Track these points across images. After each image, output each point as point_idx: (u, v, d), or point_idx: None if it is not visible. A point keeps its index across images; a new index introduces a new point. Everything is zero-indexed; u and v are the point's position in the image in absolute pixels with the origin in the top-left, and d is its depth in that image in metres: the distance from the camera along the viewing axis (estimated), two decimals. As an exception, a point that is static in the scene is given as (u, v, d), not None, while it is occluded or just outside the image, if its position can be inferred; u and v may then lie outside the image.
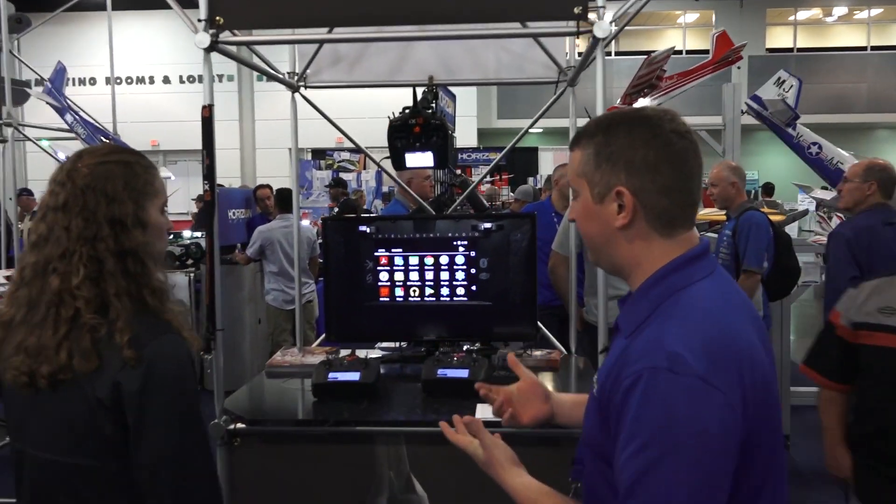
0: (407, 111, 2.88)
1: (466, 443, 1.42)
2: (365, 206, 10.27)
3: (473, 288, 2.98)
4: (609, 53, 19.69)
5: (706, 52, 10.02)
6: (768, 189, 13.48)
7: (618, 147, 1.19)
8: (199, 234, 7.31)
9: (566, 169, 4.98)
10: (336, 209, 8.79)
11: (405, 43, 3.14)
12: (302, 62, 3.26)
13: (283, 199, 6.15)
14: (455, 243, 2.97)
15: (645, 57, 7.81)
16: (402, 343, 3.22)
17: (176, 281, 6.04)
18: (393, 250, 2.98)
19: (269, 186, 7.11)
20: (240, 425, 2.35)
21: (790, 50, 19.60)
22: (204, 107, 2.33)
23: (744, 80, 14.02)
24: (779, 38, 19.92)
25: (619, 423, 1.10)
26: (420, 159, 2.89)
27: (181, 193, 13.14)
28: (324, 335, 3.26)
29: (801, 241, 6.08)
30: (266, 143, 17.44)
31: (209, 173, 2.34)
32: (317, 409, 2.48)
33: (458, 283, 2.98)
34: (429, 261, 2.99)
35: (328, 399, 2.52)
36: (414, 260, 2.99)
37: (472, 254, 2.97)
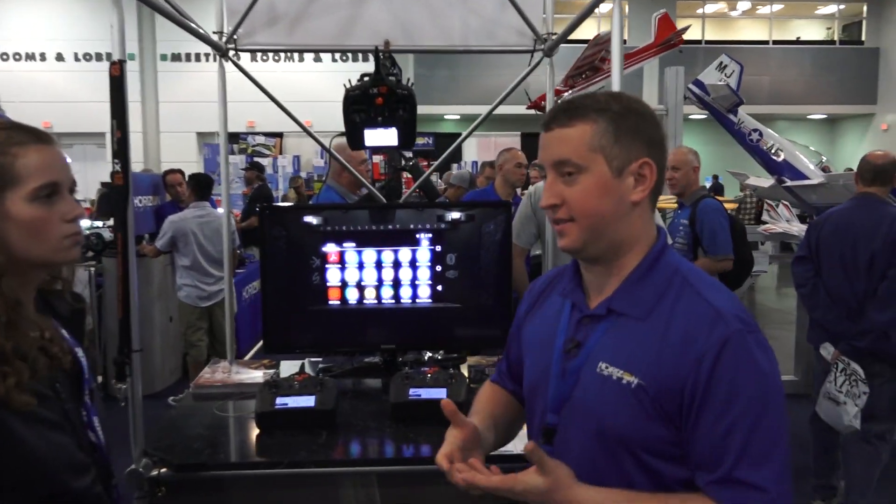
0: (366, 78, 2.39)
1: (514, 481, 1.12)
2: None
3: (439, 288, 2.58)
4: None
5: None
6: (718, 189, 13.61)
7: (636, 121, 1.20)
8: (99, 223, 6.56)
9: (512, 154, 4.65)
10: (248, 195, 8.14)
11: (356, 0, 2.65)
12: (232, 21, 2.72)
13: (200, 186, 5.55)
14: (418, 236, 2.57)
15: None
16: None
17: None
18: (344, 245, 2.55)
19: (180, 171, 6.43)
20: (165, 471, 1.85)
21: (699, 42, 19.99)
22: (113, 63, 1.80)
23: (655, 71, 14.06)
24: (689, 30, 20.29)
25: (705, 397, 1.10)
26: (382, 137, 2.41)
27: (77, 179, 12.04)
28: (260, 344, 2.75)
29: (751, 231, 5.94)
30: (171, 126, 16.38)
31: (120, 149, 1.81)
32: (263, 445, 1.99)
33: (421, 282, 2.56)
34: (387, 257, 2.56)
35: (276, 431, 2.04)
36: (369, 256, 2.55)
37: (438, 248, 2.56)
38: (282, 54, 15.69)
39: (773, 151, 6.25)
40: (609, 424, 1.18)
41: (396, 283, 2.57)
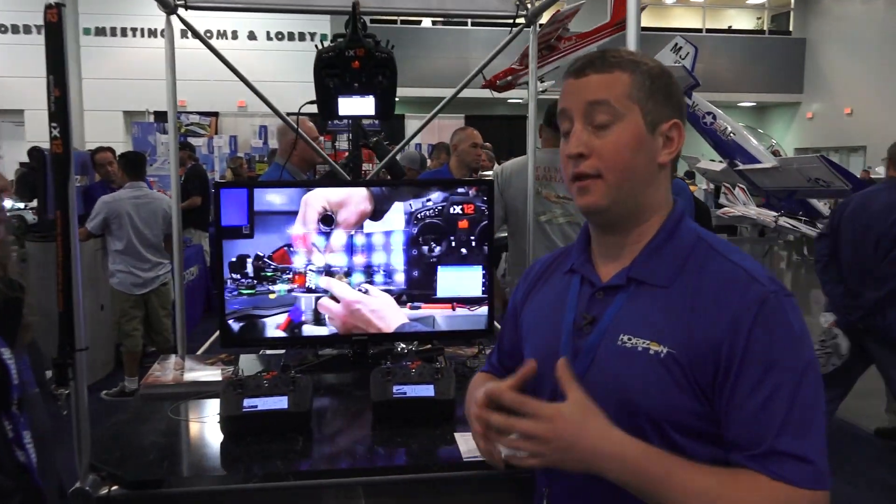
0: (340, 40, 2.13)
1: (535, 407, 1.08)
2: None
3: (416, 274, 2.34)
4: (465, 24, 19.49)
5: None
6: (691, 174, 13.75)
7: (668, 82, 1.16)
8: (21, 204, 6.07)
9: (467, 133, 4.45)
10: (182, 176, 7.69)
11: (322, -46, 2.39)
12: (180, -27, 2.42)
13: (134, 165, 5.18)
14: (391, 217, 2.32)
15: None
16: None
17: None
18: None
19: (111, 149, 6.00)
20: (116, 489, 1.58)
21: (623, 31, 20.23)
22: (49, 7, 1.51)
23: (594, 57, 14.11)
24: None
25: (742, 362, 1.02)
26: (358, 106, 2.16)
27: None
28: (214, 337, 2.48)
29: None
30: (95, 104, 15.51)
31: (59, 110, 1.52)
32: (231, 454, 1.73)
33: (395, 267, 2.33)
34: (358, 240, 2.31)
35: (246, 438, 1.78)
36: (338, 238, 2.31)
37: (414, 231, 2.33)
38: (214, 31, 15.07)
39: (726, 135, 6.23)
40: (636, 400, 1.08)
41: (368, 269, 2.34)
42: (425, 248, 2.35)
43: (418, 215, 2.34)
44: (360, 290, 2.32)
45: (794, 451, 0.99)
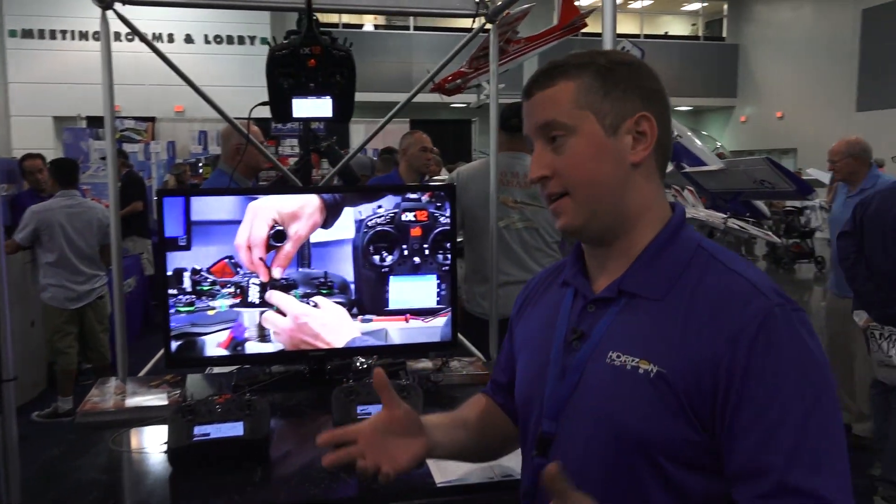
0: (294, 37, 1.98)
1: None
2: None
3: (365, 284, 2.23)
4: (407, 28, 19.39)
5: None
6: None
7: (626, 72, 1.05)
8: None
9: (416, 137, 4.35)
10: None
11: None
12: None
13: (64, 172, 4.93)
14: (345, 225, 2.20)
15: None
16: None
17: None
18: (262, 236, 2.13)
19: (40, 156, 5.69)
20: (52, 534, 1.41)
21: (576, 34, 20.50)
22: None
23: (535, 62, 14.21)
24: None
25: (743, 385, 0.90)
26: (314, 107, 2.01)
27: None
28: (161, 353, 2.31)
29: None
30: (22, 109, 14.82)
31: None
32: (181, 490, 1.57)
33: (344, 278, 2.22)
34: (305, 250, 2.18)
35: (197, 470, 1.63)
36: (286, 250, 2.17)
37: (364, 239, 2.22)
38: (150, 34, 14.58)
39: (673, 139, 6.27)
40: (624, 425, 0.97)
41: (316, 280, 2.20)
42: (376, 257, 2.23)
43: (369, 223, 2.22)
44: (310, 304, 2.19)
45: (808, 487, 0.85)
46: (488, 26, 2.56)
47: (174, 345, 2.12)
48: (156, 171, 10.07)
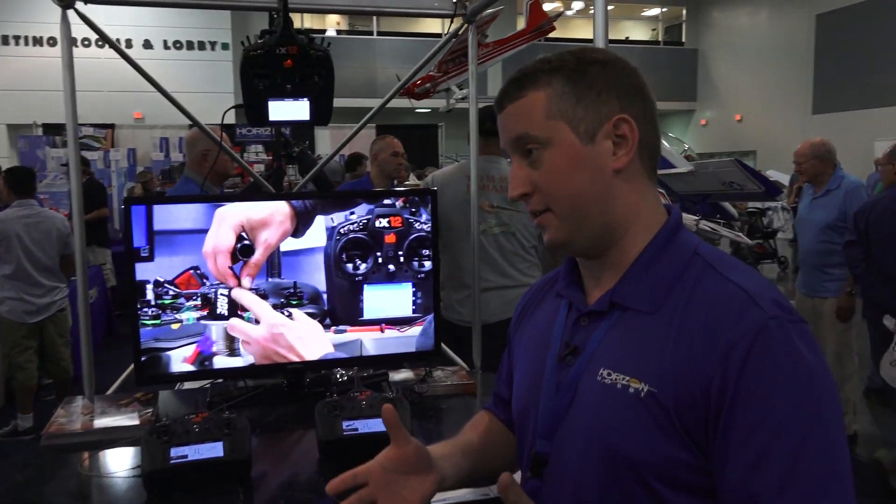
0: (269, 36, 1.90)
1: None
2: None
3: (338, 294, 2.15)
4: (371, 32, 19.31)
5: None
6: None
7: (599, 72, 0.99)
8: None
9: (387, 142, 4.28)
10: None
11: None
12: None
13: (22, 181, 4.77)
14: (320, 233, 2.12)
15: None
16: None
17: None
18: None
19: (-6, 165, 5.49)
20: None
21: (538, 39, 20.65)
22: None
23: (498, 67, 14.25)
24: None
25: (735, 402, 0.84)
26: (290, 110, 1.93)
27: None
28: (130, 368, 2.20)
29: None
30: (-26, 117, 14.41)
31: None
32: (159, 516, 1.48)
33: (316, 288, 2.14)
34: (286, 259, 2.10)
35: (173, 495, 1.53)
36: (255, 259, 2.08)
37: (336, 247, 2.14)
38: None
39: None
40: (615, 446, 0.92)
41: (286, 291, 2.11)
42: (349, 265, 2.15)
43: (341, 230, 2.14)
44: (285, 314, 2.10)
45: None
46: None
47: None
48: (116, 179, 9.82)
